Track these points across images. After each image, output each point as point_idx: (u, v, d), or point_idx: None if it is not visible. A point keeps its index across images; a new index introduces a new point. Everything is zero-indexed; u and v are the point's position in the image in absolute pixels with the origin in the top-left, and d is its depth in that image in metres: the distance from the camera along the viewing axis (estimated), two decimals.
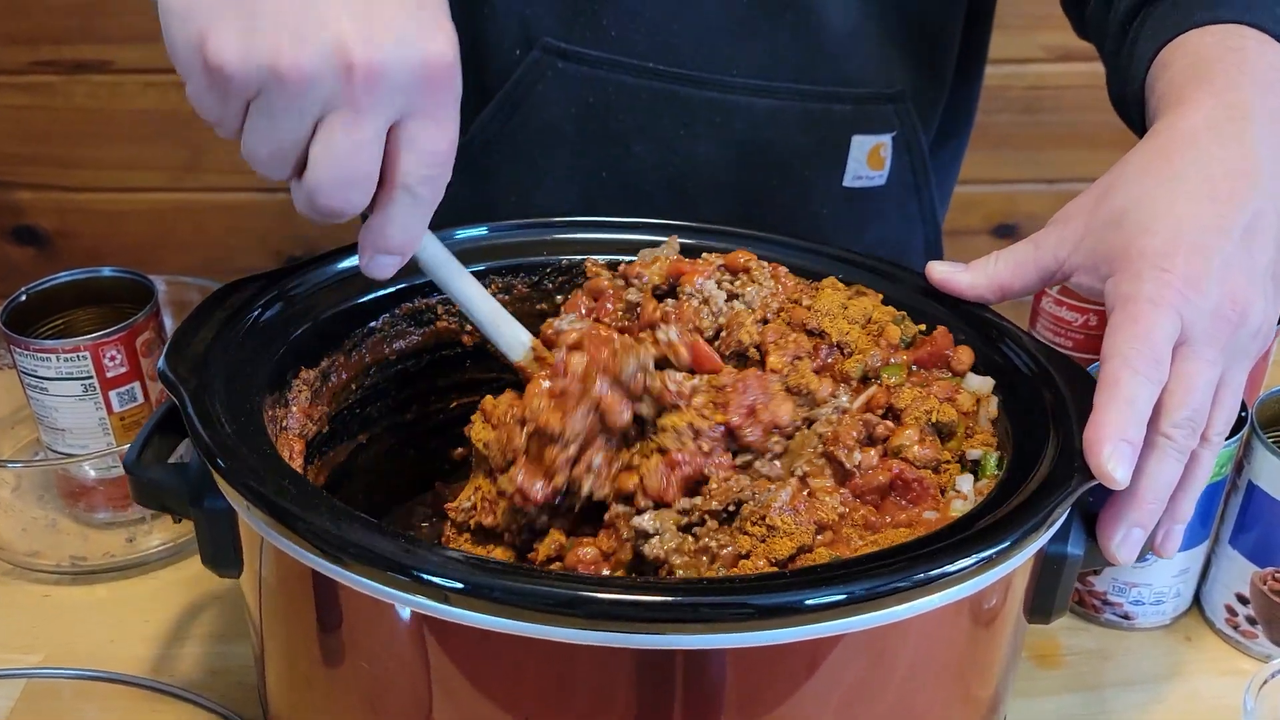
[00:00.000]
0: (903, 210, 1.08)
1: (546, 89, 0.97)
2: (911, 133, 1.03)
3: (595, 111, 0.98)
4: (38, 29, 1.70)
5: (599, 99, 0.97)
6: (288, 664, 0.64)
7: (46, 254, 1.87)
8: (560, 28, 0.95)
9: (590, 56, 0.96)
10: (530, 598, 0.50)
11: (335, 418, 0.76)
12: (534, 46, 0.96)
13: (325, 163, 0.57)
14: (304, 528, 0.53)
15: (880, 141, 1.01)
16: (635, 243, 0.81)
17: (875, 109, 1.00)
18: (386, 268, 0.63)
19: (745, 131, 0.99)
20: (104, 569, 0.87)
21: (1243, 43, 0.71)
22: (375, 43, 0.55)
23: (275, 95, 0.55)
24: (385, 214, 0.60)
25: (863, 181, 1.03)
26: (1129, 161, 0.68)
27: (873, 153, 1.01)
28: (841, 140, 1.01)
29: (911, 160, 1.04)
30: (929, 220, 1.11)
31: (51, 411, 0.88)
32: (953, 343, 0.71)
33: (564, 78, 0.97)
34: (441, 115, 0.58)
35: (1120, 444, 0.58)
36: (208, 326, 0.67)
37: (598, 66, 0.96)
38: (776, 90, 0.97)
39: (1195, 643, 0.82)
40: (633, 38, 0.95)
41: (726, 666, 0.53)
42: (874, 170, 1.02)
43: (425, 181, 0.59)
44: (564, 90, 0.97)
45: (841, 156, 1.02)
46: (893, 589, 0.51)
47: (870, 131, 1.01)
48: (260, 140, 0.57)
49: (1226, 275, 0.62)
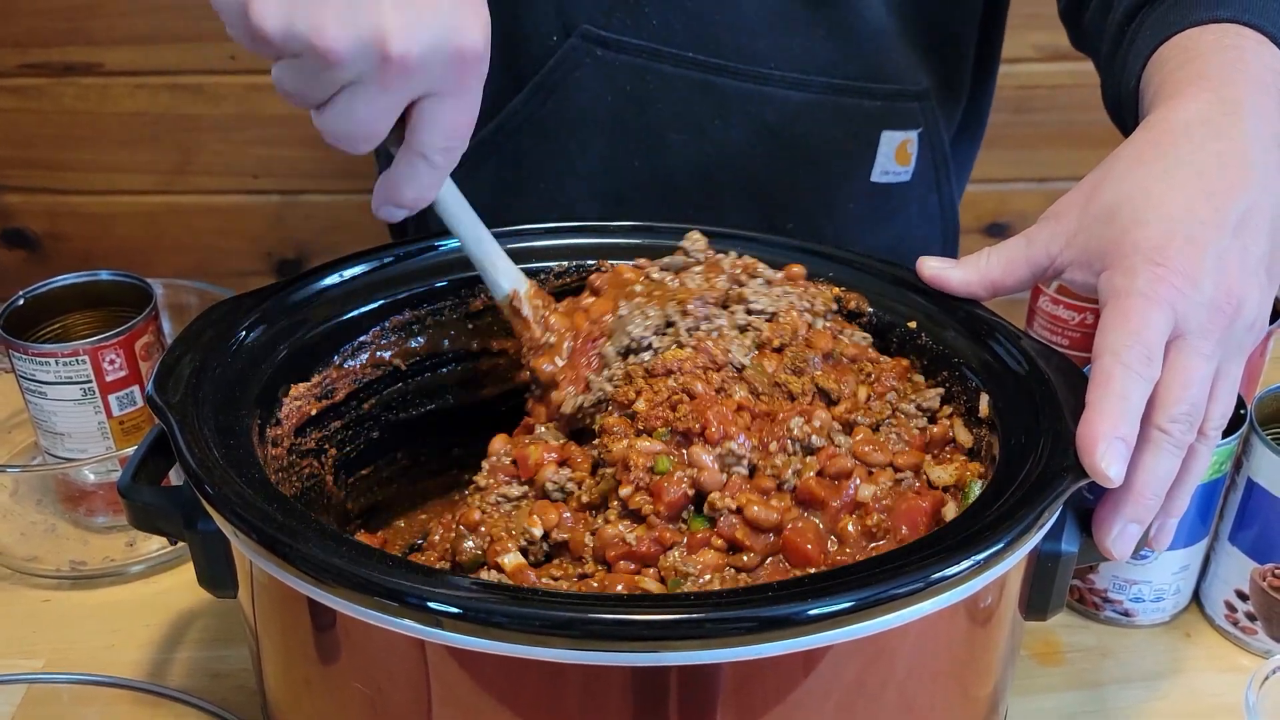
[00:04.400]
0: (924, 206, 1.09)
1: (583, 76, 0.97)
2: (935, 130, 1.04)
3: (631, 100, 0.98)
4: (27, 32, 1.70)
5: (636, 87, 0.97)
6: (285, 679, 0.64)
7: (37, 257, 1.86)
8: (600, 15, 0.95)
9: (629, 45, 0.96)
10: (524, 621, 0.50)
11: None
12: (572, 33, 0.96)
13: (343, 118, 0.60)
14: (291, 553, 0.53)
15: (908, 137, 1.02)
16: (643, 248, 0.81)
17: (903, 106, 1.01)
18: (395, 216, 0.66)
19: (779, 123, 0.99)
20: (103, 573, 0.86)
21: (1240, 41, 0.71)
22: (414, 36, 0.57)
23: (308, 62, 0.58)
24: (401, 174, 0.64)
25: (890, 177, 1.03)
26: (1121, 154, 0.68)
27: (900, 149, 1.02)
28: (871, 135, 1.02)
29: (934, 157, 1.05)
30: (949, 216, 1.11)
31: (50, 416, 0.88)
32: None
33: (601, 65, 0.97)
34: (465, 95, 0.61)
35: (1114, 441, 0.58)
36: (195, 349, 0.67)
37: (636, 55, 0.96)
38: (811, 84, 0.98)
39: (1195, 639, 0.82)
40: (673, 27, 0.95)
41: (722, 679, 0.53)
42: (901, 166, 1.03)
43: (443, 152, 0.63)
44: (601, 78, 0.97)
45: (871, 152, 1.03)
46: (890, 596, 0.51)
47: (898, 128, 1.02)
48: (289, 80, 0.61)
49: (1221, 269, 0.62)
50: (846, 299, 0.77)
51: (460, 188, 0.71)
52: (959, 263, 0.73)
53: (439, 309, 0.79)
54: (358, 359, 0.76)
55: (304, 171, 1.78)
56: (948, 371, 0.72)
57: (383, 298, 0.77)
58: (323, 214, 1.82)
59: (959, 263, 0.73)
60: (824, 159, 1.02)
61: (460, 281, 0.79)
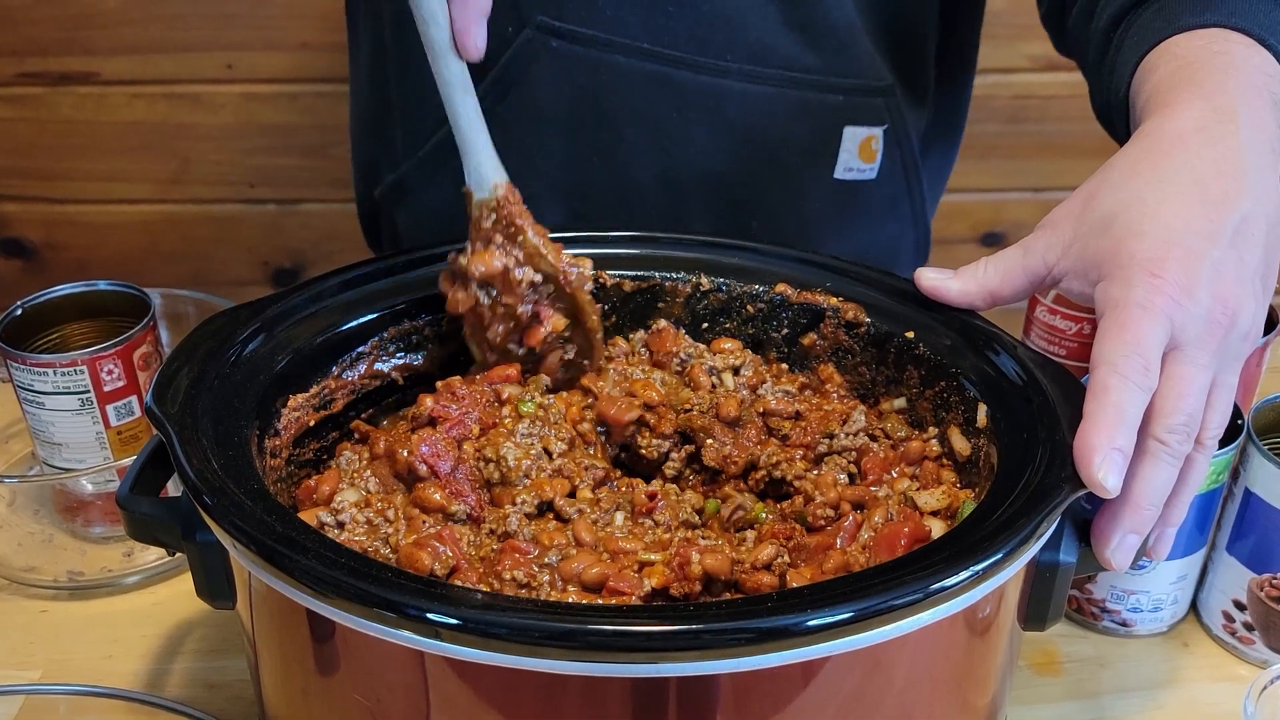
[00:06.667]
0: (894, 209, 1.08)
1: (540, 70, 0.97)
2: (901, 128, 1.03)
3: (588, 95, 0.98)
4: (24, 41, 1.70)
5: (592, 81, 0.97)
6: (283, 690, 0.64)
7: (33, 266, 1.86)
8: (554, 6, 0.95)
9: (584, 35, 0.95)
10: (523, 632, 0.50)
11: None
12: (527, 25, 0.95)
13: None
14: (290, 565, 0.53)
15: (872, 134, 1.01)
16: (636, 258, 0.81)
17: (866, 101, 1.01)
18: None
19: (738, 118, 0.98)
20: (101, 584, 0.86)
21: (1228, 47, 0.71)
22: None
23: None
24: None
25: (854, 174, 1.02)
26: (1116, 163, 0.68)
27: (864, 145, 1.01)
28: (833, 130, 1.01)
29: (902, 156, 1.04)
30: (920, 222, 1.11)
31: (48, 426, 0.88)
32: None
33: (557, 58, 0.96)
34: None
35: (1111, 453, 0.58)
36: (194, 360, 0.67)
37: (591, 46, 0.95)
38: (770, 77, 0.97)
39: (1193, 649, 0.82)
40: (627, 18, 0.95)
41: (721, 690, 0.53)
42: (865, 163, 1.02)
43: None
44: (557, 72, 0.97)
45: (833, 147, 1.02)
46: (889, 606, 0.51)
47: (862, 123, 1.01)
48: None
49: (1217, 279, 0.62)
50: (844, 309, 0.77)
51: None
52: (957, 273, 0.73)
53: (437, 319, 0.79)
54: (356, 369, 0.76)
55: (301, 181, 1.78)
56: (945, 381, 0.72)
57: (381, 308, 0.77)
58: (320, 223, 1.82)
59: (957, 273, 0.73)
60: (785, 155, 1.01)
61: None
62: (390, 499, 0.68)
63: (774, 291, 0.80)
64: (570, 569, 0.62)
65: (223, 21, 1.67)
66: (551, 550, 0.64)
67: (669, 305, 0.82)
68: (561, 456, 0.72)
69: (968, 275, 0.72)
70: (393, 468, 0.70)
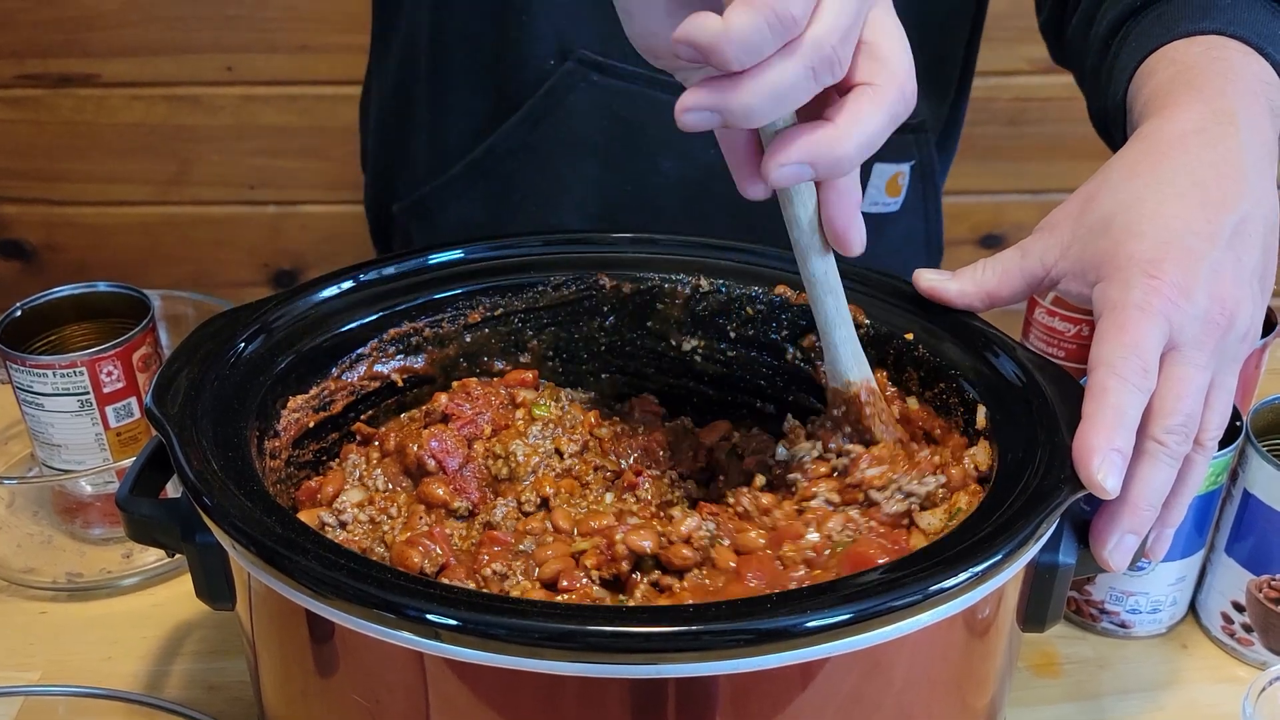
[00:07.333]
0: (909, 234, 1.08)
1: (577, 100, 0.97)
2: (928, 161, 1.03)
3: (624, 125, 0.98)
4: (24, 42, 1.70)
5: (629, 113, 0.97)
6: (282, 691, 0.64)
7: (32, 268, 1.86)
8: (598, 41, 0.95)
9: (625, 70, 0.95)
10: (523, 633, 0.50)
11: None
12: (569, 58, 0.96)
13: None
14: (290, 566, 0.53)
15: (899, 170, 1.01)
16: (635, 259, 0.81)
17: (896, 138, 1.00)
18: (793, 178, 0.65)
19: None
20: (100, 585, 0.86)
21: (1227, 54, 0.71)
22: None
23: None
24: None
25: (878, 208, 1.02)
26: (1115, 165, 0.68)
27: (891, 181, 1.01)
28: (864, 168, 1.01)
29: (925, 188, 1.04)
30: (934, 243, 1.11)
31: (47, 427, 0.88)
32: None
33: (595, 90, 0.96)
34: None
35: (1110, 454, 0.58)
36: (193, 361, 0.67)
37: (632, 81, 0.96)
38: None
39: (1192, 650, 0.82)
40: None
41: (720, 691, 0.53)
42: (890, 198, 1.02)
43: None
44: (595, 102, 0.97)
45: (862, 184, 1.01)
46: (888, 608, 0.51)
47: (890, 160, 1.01)
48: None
49: (1215, 280, 0.62)
50: None
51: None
52: (955, 274, 0.73)
53: (437, 321, 0.79)
54: (356, 371, 0.76)
55: (301, 182, 1.78)
56: (945, 383, 0.72)
57: (381, 310, 0.77)
58: (319, 225, 1.82)
59: (955, 274, 0.73)
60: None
61: (459, 295, 0.79)
62: (394, 496, 0.68)
63: (773, 293, 0.80)
64: (541, 556, 0.64)
65: (222, 24, 1.67)
66: (527, 537, 0.65)
67: (668, 307, 0.82)
68: (573, 457, 0.72)
69: (966, 277, 0.72)
70: (402, 463, 0.70)
